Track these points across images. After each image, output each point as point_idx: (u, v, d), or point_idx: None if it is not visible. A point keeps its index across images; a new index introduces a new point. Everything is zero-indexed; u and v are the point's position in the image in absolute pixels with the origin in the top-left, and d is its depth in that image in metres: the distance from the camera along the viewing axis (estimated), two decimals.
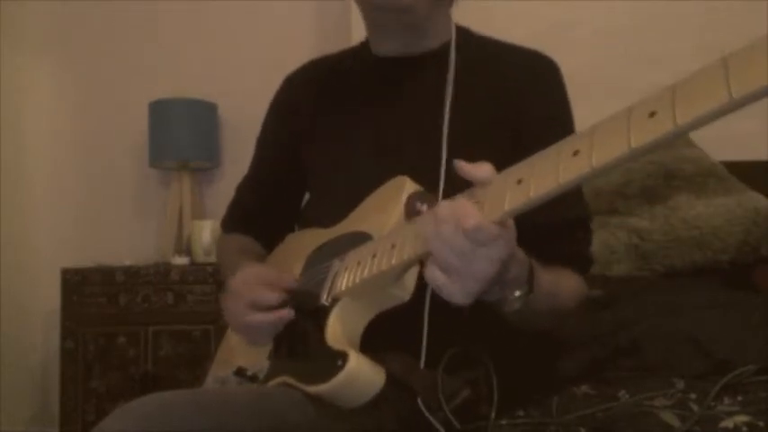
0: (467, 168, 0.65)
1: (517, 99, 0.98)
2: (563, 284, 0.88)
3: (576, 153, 0.55)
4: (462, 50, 1.01)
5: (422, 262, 0.71)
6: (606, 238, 1.60)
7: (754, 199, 1.63)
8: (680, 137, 0.49)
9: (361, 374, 0.76)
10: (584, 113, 1.05)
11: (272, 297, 0.90)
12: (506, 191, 0.61)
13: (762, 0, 1.95)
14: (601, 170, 0.53)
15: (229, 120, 2.56)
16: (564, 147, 0.57)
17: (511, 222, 0.64)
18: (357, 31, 1.07)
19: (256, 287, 0.91)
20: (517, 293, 0.71)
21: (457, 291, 0.64)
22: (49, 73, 2.65)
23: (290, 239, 1.11)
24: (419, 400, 0.80)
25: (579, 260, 0.96)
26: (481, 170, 0.65)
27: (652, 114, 0.50)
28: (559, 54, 1.04)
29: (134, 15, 2.61)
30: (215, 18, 2.59)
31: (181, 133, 2.39)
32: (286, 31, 2.54)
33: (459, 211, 0.62)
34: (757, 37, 0.45)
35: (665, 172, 1.71)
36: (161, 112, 2.39)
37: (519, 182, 0.60)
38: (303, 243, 1.00)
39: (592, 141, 0.54)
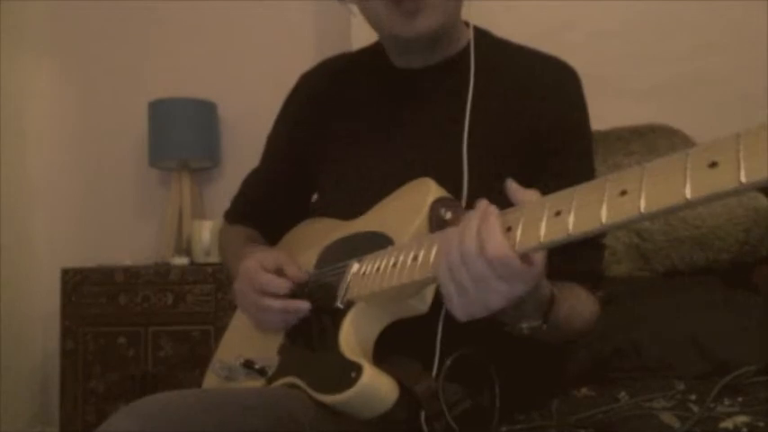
0: (515, 189, 0.62)
1: (536, 108, 0.96)
2: (578, 312, 0.86)
3: (623, 193, 0.51)
4: (480, 56, 0.99)
5: None
6: (606, 239, 1.60)
7: (755, 198, 1.63)
8: (743, 193, 0.45)
9: (375, 389, 0.74)
10: None
11: (282, 285, 0.90)
12: (542, 221, 0.57)
13: (762, 0, 1.94)
14: (649, 216, 0.50)
15: (229, 119, 2.56)
16: (609, 184, 0.53)
17: (538, 260, 0.61)
18: (357, 32, 1.07)
19: (267, 273, 0.91)
20: (526, 325, 0.70)
21: (460, 308, 0.63)
22: (49, 73, 2.64)
23: (302, 227, 1.10)
24: (422, 418, 0.79)
25: (591, 278, 0.94)
26: (528, 195, 0.61)
27: (713, 165, 0.45)
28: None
29: (134, 15, 2.60)
30: (215, 18, 2.58)
31: (181, 133, 2.38)
32: (286, 30, 2.54)
33: (486, 234, 0.59)
34: None
35: None
36: (161, 112, 2.39)
37: (557, 213, 0.56)
38: (317, 233, 0.99)
39: (641, 184, 0.50)
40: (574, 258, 0.88)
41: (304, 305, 0.88)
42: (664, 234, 1.61)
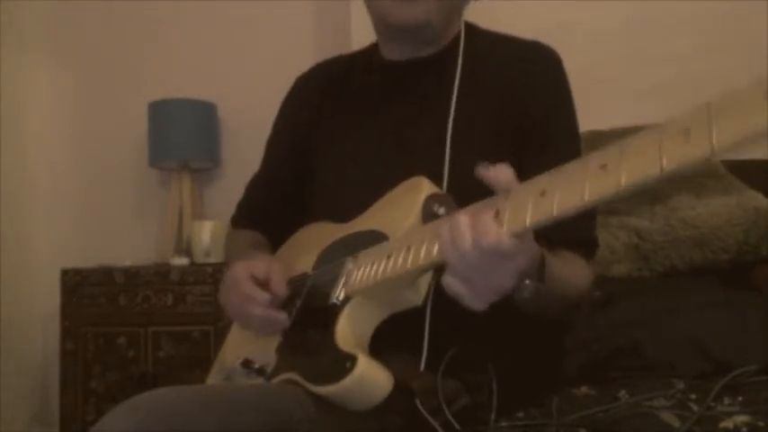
0: (488, 175, 0.64)
1: (519, 91, 0.99)
2: (571, 271, 0.88)
3: (603, 167, 0.53)
4: (468, 48, 1.02)
5: (437, 267, 0.70)
6: (606, 239, 1.60)
7: (754, 198, 1.63)
8: (716, 158, 0.47)
9: (370, 379, 0.76)
10: (584, 114, 1.05)
11: (263, 298, 0.92)
12: (528, 203, 0.59)
13: (762, 0, 1.94)
14: (629, 191, 0.51)
15: (229, 120, 2.56)
16: (590, 162, 0.55)
17: (530, 234, 0.64)
18: (357, 32, 1.08)
19: (251, 283, 0.93)
20: (527, 282, 0.71)
21: (476, 300, 0.65)
22: (49, 73, 2.64)
23: (303, 232, 1.11)
24: (417, 401, 0.80)
25: (584, 245, 0.96)
26: (502, 174, 0.64)
27: (686, 135, 0.47)
28: (559, 54, 1.04)
29: (134, 15, 2.61)
30: (215, 18, 2.58)
31: (181, 133, 2.38)
32: (285, 31, 2.54)
33: (478, 227, 0.62)
34: None
35: None
36: (161, 113, 2.39)
37: (542, 194, 0.58)
38: (316, 236, 1.01)
39: (621, 160, 0.52)
40: (563, 226, 0.88)
41: (282, 318, 0.90)
42: (663, 234, 1.61)
